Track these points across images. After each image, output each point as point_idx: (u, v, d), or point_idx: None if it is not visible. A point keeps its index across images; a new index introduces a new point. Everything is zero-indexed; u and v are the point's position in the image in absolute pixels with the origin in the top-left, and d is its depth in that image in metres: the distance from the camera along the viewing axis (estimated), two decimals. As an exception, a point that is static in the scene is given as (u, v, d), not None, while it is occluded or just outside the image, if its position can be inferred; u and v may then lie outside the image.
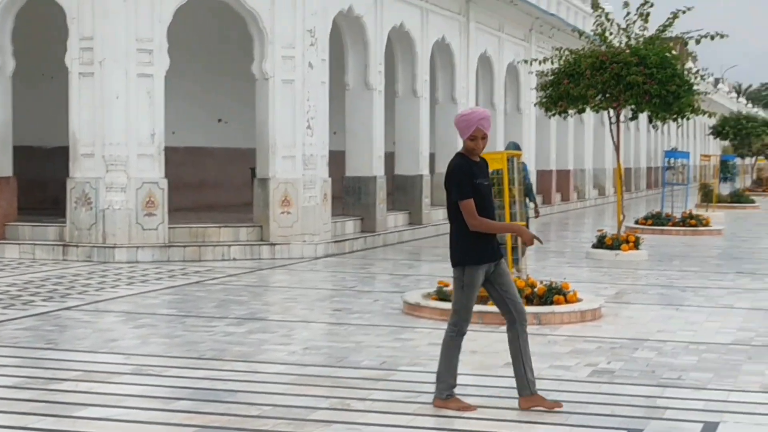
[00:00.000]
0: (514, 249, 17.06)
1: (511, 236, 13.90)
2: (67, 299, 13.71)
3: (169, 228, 18.90)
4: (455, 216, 8.05)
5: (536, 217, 18.49)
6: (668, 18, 21.20)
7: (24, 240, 19.18)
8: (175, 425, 7.38)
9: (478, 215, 7.79)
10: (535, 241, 8.15)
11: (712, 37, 21.18)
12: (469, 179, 7.83)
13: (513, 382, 8.28)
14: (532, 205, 17.68)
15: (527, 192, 17.37)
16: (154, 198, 18.63)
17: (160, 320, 12.36)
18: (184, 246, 18.85)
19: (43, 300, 13.57)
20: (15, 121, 19.78)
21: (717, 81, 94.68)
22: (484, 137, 7.83)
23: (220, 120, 25.99)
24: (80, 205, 18.53)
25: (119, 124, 18.42)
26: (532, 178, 22.83)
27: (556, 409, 7.77)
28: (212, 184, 25.45)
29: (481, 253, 7.93)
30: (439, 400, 7.88)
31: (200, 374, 9.19)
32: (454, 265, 8.12)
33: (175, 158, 20.05)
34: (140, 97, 18.55)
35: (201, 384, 8.77)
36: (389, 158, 24.38)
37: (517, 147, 18.16)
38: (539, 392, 7.90)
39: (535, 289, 12.35)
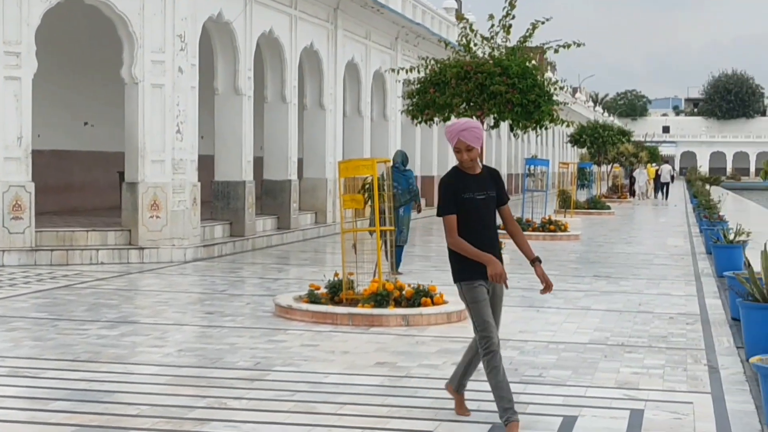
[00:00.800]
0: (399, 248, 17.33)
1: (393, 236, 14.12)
2: (-67, 303, 13.51)
3: (36, 231, 18.59)
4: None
5: (418, 212, 19.00)
6: (528, 29, 21.75)
7: None
8: (55, 425, 7.41)
9: (463, 231, 7.30)
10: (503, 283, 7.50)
11: (568, 46, 21.76)
12: (452, 195, 7.25)
13: (381, 381, 8.51)
14: (413, 207, 18.12)
15: (414, 195, 17.72)
16: (21, 201, 18.27)
17: (31, 323, 12.20)
18: (51, 250, 18.56)
19: None
20: None
21: (575, 90, 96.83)
22: (469, 149, 7.17)
23: (86, 123, 25.63)
24: (-56, 208, 18.22)
25: (-15, 127, 18.18)
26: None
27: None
28: (78, 188, 25.01)
29: (472, 269, 7.35)
30: (515, 423, 7.15)
31: (76, 376, 9.16)
32: (453, 281, 7.58)
33: (41, 161, 19.75)
34: (7, 100, 18.21)
35: (77, 385, 8.75)
36: (258, 163, 24.37)
37: (405, 155, 18.50)
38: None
39: (403, 292, 12.49)
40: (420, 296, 12.54)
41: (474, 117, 20.96)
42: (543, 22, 21.55)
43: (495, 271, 7.22)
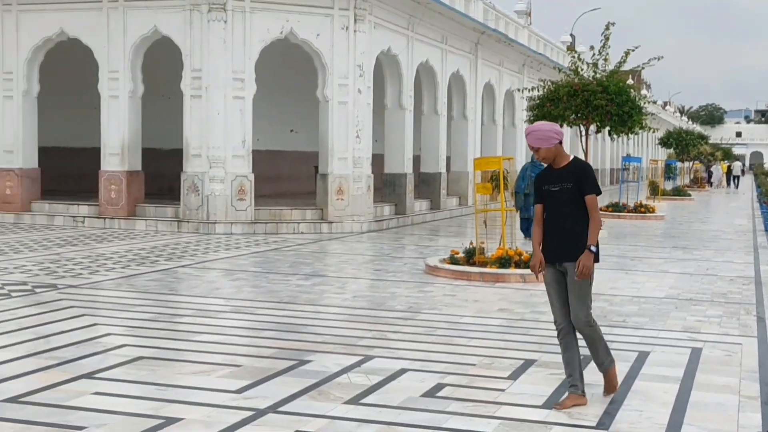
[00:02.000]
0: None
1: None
2: (181, 260, 13.92)
3: (255, 209, 19.04)
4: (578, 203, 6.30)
5: None
6: (621, 56, 21.46)
7: (149, 217, 19.41)
8: (263, 347, 7.73)
9: (546, 217, 6.31)
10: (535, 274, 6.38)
11: (651, 61, 21.49)
12: (538, 187, 6.38)
13: (501, 323, 8.59)
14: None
15: None
16: (244, 187, 18.87)
17: (250, 275, 12.56)
18: (265, 223, 18.93)
19: (165, 260, 13.80)
20: (142, 130, 20.06)
21: (665, 104, 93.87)
22: (536, 149, 6.23)
23: (292, 130, 26.16)
24: (190, 192, 18.76)
25: (219, 133, 18.60)
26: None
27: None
28: (285, 178, 25.47)
29: (546, 251, 6.26)
30: (573, 396, 6.10)
31: (281, 313, 9.46)
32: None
33: (259, 158, 20.29)
34: (234, 113, 18.69)
35: (282, 320, 9.06)
36: (416, 160, 24.57)
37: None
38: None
39: (522, 257, 12.46)
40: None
41: (581, 125, 20.83)
42: (633, 50, 21.27)
43: (531, 263, 6.35)
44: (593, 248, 6.13)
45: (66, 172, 23.84)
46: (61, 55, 20.88)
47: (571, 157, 6.41)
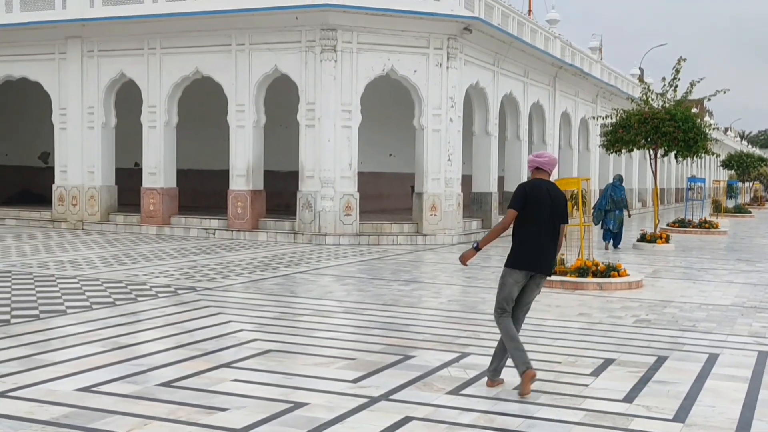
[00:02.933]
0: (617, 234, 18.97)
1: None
2: (298, 266, 14.14)
3: (359, 223, 19.20)
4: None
5: (629, 216, 19.98)
6: (687, 86, 20.95)
7: (269, 229, 19.70)
8: (372, 343, 7.81)
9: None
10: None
11: (716, 93, 20.96)
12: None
13: (581, 326, 8.50)
14: (625, 212, 19.32)
15: (625, 204, 19.13)
16: (351, 204, 19.08)
17: (357, 281, 12.67)
18: (369, 235, 19.07)
19: (284, 267, 14.03)
20: (264, 155, 20.38)
21: (726, 129, 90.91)
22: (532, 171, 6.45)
23: (390, 155, 26.34)
24: (305, 208, 19.04)
25: (330, 157, 18.85)
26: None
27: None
28: (386, 196, 25.60)
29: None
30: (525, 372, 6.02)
31: (385, 314, 9.56)
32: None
33: (363, 179, 20.45)
34: (343, 140, 18.92)
35: (386, 320, 9.15)
36: (500, 180, 24.45)
37: (621, 177, 19.64)
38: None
39: (599, 267, 12.34)
40: (610, 270, 12.37)
41: (650, 149, 20.39)
42: (699, 81, 20.75)
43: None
44: (475, 245, 6.51)
45: (200, 190, 24.52)
46: (196, 90, 21.50)
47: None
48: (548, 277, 6.49)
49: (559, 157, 28.95)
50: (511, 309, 6.35)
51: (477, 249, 6.48)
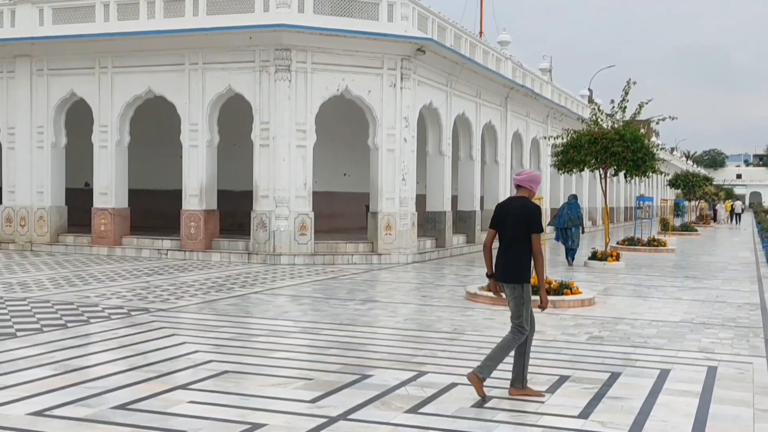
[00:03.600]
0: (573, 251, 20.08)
1: None
2: (253, 287, 14.02)
3: (314, 243, 19.10)
4: (524, 240, 6.59)
5: (583, 233, 20.89)
6: (636, 108, 21.39)
7: (223, 250, 19.51)
8: (330, 363, 7.75)
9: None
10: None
11: (664, 119, 21.47)
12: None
13: (536, 342, 8.59)
14: (580, 229, 20.12)
15: (581, 221, 19.84)
16: (305, 224, 18.98)
17: (312, 300, 12.60)
18: (324, 255, 18.99)
19: (239, 287, 13.90)
20: (218, 174, 20.25)
21: (672, 149, 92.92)
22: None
23: (345, 174, 26.31)
24: (259, 228, 18.90)
25: (284, 177, 18.74)
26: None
27: (537, 398, 6.49)
28: (340, 215, 25.51)
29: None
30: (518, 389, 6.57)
31: (342, 333, 9.52)
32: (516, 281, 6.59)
33: (318, 199, 20.43)
34: (297, 160, 18.84)
35: (343, 339, 9.11)
36: (454, 200, 24.56)
37: (575, 197, 20.18)
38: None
39: (552, 285, 12.48)
40: (563, 288, 12.51)
41: (600, 169, 20.74)
42: (647, 103, 21.24)
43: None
44: (487, 273, 6.95)
45: (152, 210, 24.19)
46: (149, 110, 21.28)
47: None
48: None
49: (510, 177, 29.27)
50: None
51: (489, 276, 6.89)
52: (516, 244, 6.63)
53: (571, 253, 19.95)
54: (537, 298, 6.94)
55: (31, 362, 7.52)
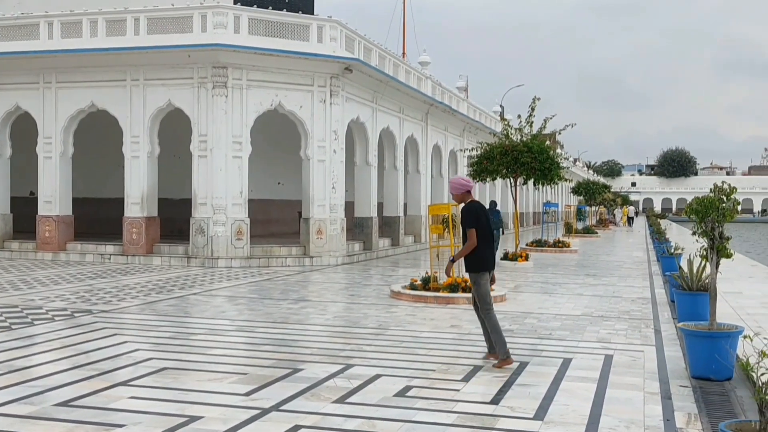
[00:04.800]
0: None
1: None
2: (192, 288, 13.82)
3: (250, 247, 18.93)
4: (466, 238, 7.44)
5: (503, 234, 21.27)
6: (542, 122, 21.92)
7: (164, 254, 19.16)
8: (263, 359, 7.71)
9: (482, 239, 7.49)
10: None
11: (565, 128, 22.07)
12: (476, 217, 7.51)
13: (453, 336, 8.67)
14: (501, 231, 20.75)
15: (500, 224, 19.54)
16: (242, 229, 18.82)
17: (248, 300, 12.46)
18: (259, 258, 18.82)
19: (179, 289, 13.69)
20: (158, 183, 19.88)
21: (575, 160, 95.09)
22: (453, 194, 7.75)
23: (279, 183, 26.12)
24: (198, 233, 18.63)
25: (221, 185, 18.54)
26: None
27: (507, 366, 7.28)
28: (274, 221, 25.28)
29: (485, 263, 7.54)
30: (505, 359, 7.35)
31: (275, 331, 9.44)
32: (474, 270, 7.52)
33: (253, 206, 20.24)
34: (234, 170, 18.65)
35: (276, 336, 9.03)
36: (380, 206, 24.65)
37: (495, 204, 20.42)
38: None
39: (467, 284, 12.66)
40: (477, 286, 12.67)
41: (511, 178, 21.12)
42: (551, 118, 21.81)
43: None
44: (452, 258, 7.93)
45: (96, 218, 23.56)
46: (92, 123, 20.75)
47: (469, 200, 7.67)
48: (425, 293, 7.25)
49: (430, 186, 29.58)
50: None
51: (453, 261, 7.91)
52: (464, 242, 7.58)
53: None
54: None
55: (-25, 363, 7.23)
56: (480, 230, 7.45)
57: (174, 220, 21.83)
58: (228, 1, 20.05)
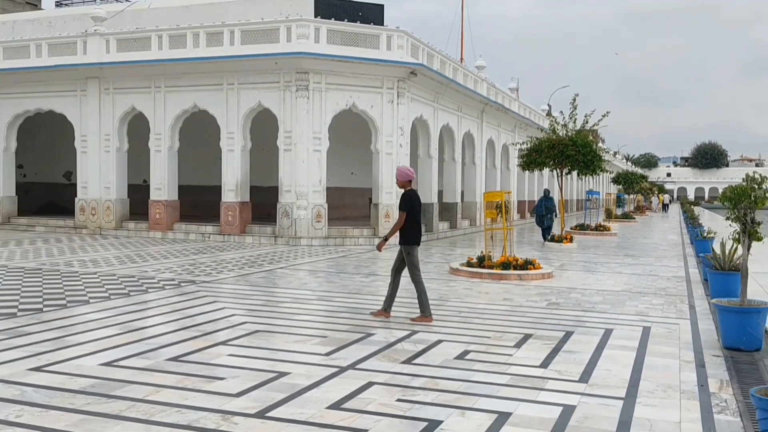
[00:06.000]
0: (548, 230, 20.34)
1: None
2: (279, 263, 14.01)
3: (328, 228, 19.08)
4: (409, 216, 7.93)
5: (556, 217, 21.31)
6: (584, 118, 21.41)
7: (255, 234, 19.41)
8: (340, 324, 7.78)
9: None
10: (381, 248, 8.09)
11: (601, 118, 21.51)
12: (409, 201, 7.92)
13: (506, 308, 8.58)
14: (554, 215, 20.79)
15: (554, 209, 20.72)
16: (321, 213, 19.02)
17: (326, 274, 12.57)
18: (335, 238, 18.94)
19: (268, 264, 13.90)
20: (250, 173, 20.13)
21: (615, 153, 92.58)
22: (398, 181, 8.06)
23: (352, 173, 26.23)
24: (283, 216, 18.89)
25: (303, 175, 18.72)
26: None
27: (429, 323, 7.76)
28: (349, 206, 25.38)
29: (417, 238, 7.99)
30: (425, 316, 7.88)
31: (350, 300, 9.53)
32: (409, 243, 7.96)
33: (330, 193, 20.36)
34: (314, 161, 18.81)
35: (351, 305, 9.12)
36: (440, 193, 24.57)
37: (549, 192, 20.44)
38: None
39: (518, 262, 12.53)
40: (527, 264, 12.51)
41: (557, 169, 20.71)
42: (591, 114, 21.29)
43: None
44: (384, 237, 8.04)
45: (197, 202, 24.14)
46: (194, 121, 21.23)
47: (408, 188, 7.99)
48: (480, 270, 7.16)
49: (485, 176, 29.26)
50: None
51: (385, 239, 8.08)
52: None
53: (547, 231, 20.40)
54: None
55: (100, 324, 7.54)
56: (411, 214, 7.84)
57: (263, 205, 22.14)
58: (309, 15, 20.21)
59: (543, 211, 20.64)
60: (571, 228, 26.30)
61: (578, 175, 21.76)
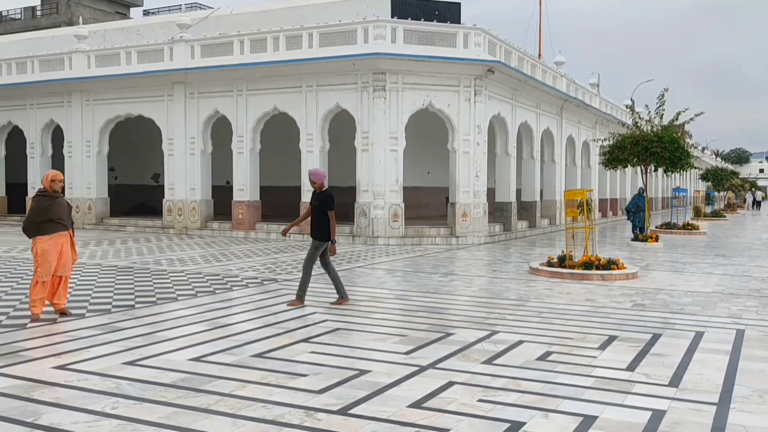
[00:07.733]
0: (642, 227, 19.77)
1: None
2: (357, 262, 14.17)
3: (405, 228, 19.16)
4: (324, 213, 8.67)
5: (649, 215, 21.16)
6: (674, 115, 20.59)
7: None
8: (419, 323, 7.78)
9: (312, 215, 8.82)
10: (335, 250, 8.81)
11: (693, 117, 20.68)
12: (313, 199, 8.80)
13: (587, 308, 8.34)
14: (646, 212, 20.67)
15: (643, 207, 20.48)
16: (397, 212, 19.12)
17: (403, 273, 12.60)
18: (412, 237, 18.99)
19: (346, 263, 14.06)
20: (328, 173, 20.52)
21: (704, 148, 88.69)
22: (313, 182, 8.82)
23: (429, 172, 26.21)
24: (361, 215, 19.11)
25: (380, 175, 18.87)
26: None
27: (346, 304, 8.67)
28: (425, 206, 25.34)
29: (312, 233, 8.76)
30: (299, 300, 8.63)
31: (428, 299, 9.50)
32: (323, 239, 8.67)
33: (407, 192, 20.43)
34: (391, 161, 18.91)
35: (429, 304, 9.10)
36: (519, 192, 24.21)
37: (642, 190, 20.04)
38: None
39: (600, 261, 12.22)
40: (610, 264, 12.19)
41: (641, 167, 20.02)
42: (683, 111, 20.44)
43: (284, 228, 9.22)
44: (333, 240, 8.76)
45: (278, 202, 24.66)
46: (275, 123, 21.73)
47: (325, 188, 8.79)
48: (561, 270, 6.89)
49: (564, 174, 28.61)
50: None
51: (333, 243, 8.78)
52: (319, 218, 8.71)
53: (639, 226, 20.44)
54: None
55: (188, 320, 7.83)
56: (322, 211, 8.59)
57: (341, 205, 21.77)
58: (386, 15, 20.32)
59: (634, 207, 20.73)
60: (656, 227, 25.41)
61: (664, 172, 20.98)
